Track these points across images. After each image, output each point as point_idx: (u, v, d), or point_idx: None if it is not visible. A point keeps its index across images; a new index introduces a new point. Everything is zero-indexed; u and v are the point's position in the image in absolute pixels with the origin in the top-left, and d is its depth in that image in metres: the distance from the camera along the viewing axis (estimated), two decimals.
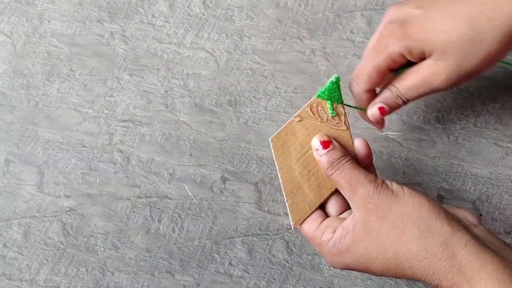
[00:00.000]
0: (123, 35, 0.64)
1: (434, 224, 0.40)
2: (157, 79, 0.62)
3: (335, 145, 0.44)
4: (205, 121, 0.61)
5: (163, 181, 0.59)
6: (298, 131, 0.45)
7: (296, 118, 0.45)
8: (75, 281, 0.57)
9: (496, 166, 0.59)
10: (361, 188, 0.42)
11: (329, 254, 0.43)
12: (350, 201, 0.43)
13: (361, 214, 0.41)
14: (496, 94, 0.61)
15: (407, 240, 0.40)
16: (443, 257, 0.39)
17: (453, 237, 0.39)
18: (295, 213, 0.45)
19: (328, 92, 0.45)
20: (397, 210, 0.41)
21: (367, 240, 0.41)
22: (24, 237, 0.58)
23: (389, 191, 0.41)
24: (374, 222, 0.41)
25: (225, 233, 0.58)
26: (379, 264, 0.41)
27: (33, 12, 0.65)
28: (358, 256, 0.42)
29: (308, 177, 0.45)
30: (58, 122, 0.61)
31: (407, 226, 0.40)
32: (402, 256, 0.40)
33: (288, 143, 0.45)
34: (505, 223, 0.57)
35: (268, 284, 0.57)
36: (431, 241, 0.39)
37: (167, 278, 0.57)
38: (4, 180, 0.60)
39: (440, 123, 0.60)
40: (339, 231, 0.43)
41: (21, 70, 0.63)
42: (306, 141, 0.45)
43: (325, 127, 0.45)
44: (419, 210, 0.40)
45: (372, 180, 0.42)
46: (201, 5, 0.65)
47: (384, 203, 0.41)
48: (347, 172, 0.42)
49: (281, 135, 0.45)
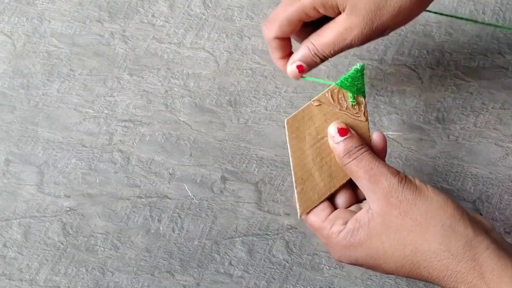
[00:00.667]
0: (123, 35, 0.64)
1: (458, 225, 0.38)
2: (157, 79, 0.62)
3: (352, 134, 0.42)
4: (205, 121, 0.61)
5: (163, 181, 0.59)
6: (315, 116, 0.43)
7: (315, 102, 0.43)
8: (75, 281, 0.57)
9: (496, 166, 0.59)
10: (384, 180, 0.40)
11: (338, 246, 0.41)
12: (368, 192, 0.41)
13: (381, 208, 0.40)
14: (496, 94, 0.61)
15: (429, 238, 0.38)
16: (464, 258, 0.38)
17: (476, 240, 0.38)
18: (303, 201, 0.43)
19: (351, 80, 0.43)
20: (421, 207, 0.39)
21: (385, 235, 0.39)
22: (24, 237, 0.58)
23: (413, 186, 0.40)
24: (395, 217, 0.39)
25: (225, 233, 0.58)
26: (394, 262, 0.40)
27: (33, 12, 0.65)
28: (371, 251, 0.40)
29: (320, 165, 0.43)
30: (58, 122, 0.61)
31: (431, 224, 0.38)
32: (422, 254, 0.39)
33: (304, 127, 0.43)
34: (505, 223, 0.57)
35: (268, 284, 0.57)
36: (454, 241, 0.38)
37: (167, 278, 0.57)
38: (4, 180, 0.60)
39: (440, 123, 0.60)
40: (351, 222, 0.41)
41: (21, 70, 0.63)
42: (323, 127, 0.43)
43: (344, 115, 0.43)
44: (444, 209, 0.39)
45: (395, 173, 0.40)
46: (201, 5, 0.65)
47: (408, 197, 0.39)
48: (367, 162, 0.41)
49: (298, 117, 0.43)
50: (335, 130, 0.42)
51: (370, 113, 0.44)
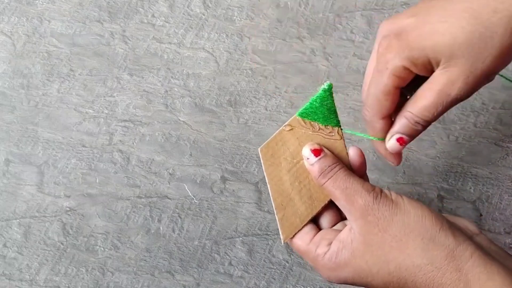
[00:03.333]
0: (123, 35, 0.64)
1: (438, 236, 0.38)
2: (157, 79, 0.63)
3: (326, 153, 0.42)
4: (205, 121, 0.61)
5: (163, 181, 0.59)
6: (288, 141, 0.43)
7: (286, 127, 0.43)
8: (75, 281, 0.57)
9: (496, 166, 0.59)
10: (359, 198, 0.39)
11: (325, 268, 0.41)
12: (347, 212, 0.40)
13: (361, 227, 0.39)
14: (496, 94, 0.61)
15: (411, 253, 0.38)
16: (448, 270, 0.37)
17: (458, 249, 0.37)
18: (286, 227, 0.43)
19: (320, 100, 0.42)
20: (399, 222, 0.38)
21: (368, 254, 0.39)
22: (24, 237, 0.58)
23: (389, 201, 0.39)
24: (375, 234, 0.39)
25: (225, 233, 0.58)
26: (381, 279, 0.39)
27: (33, 12, 0.65)
28: (358, 270, 0.40)
29: (299, 188, 0.43)
30: (58, 122, 0.61)
31: (410, 238, 0.38)
32: (405, 270, 0.38)
33: (278, 153, 0.43)
34: (505, 223, 0.57)
35: (268, 284, 0.57)
36: (436, 253, 0.37)
37: (167, 278, 0.57)
38: (4, 180, 0.60)
39: (440, 123, 0.60)
40: (335, 244, 0.41)
41: (21, 70, 0.63)
42: (297, 151, 0.43)
43: (318, 137, 0.43)
44: (422, 221, 0.38)
45: (369, 189, 0.40)
46: (201, 5, 0.65)
47: (385, 214, 0.39)
48: (342, 181, 0.40)
49: (271, 144, 0.43)
50: (308, 152, 0.42)
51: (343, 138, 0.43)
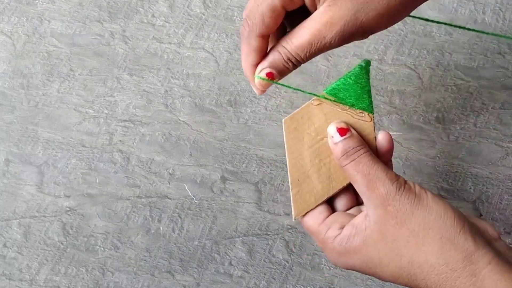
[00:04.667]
0: (123, 35, 0.64)
1: (457, 237, 0.36)
2: (157, 79, 0.62)
3: (352, 133, 0.40)
4: (205, 121, 0.61)
5: (163, 181, 0.59)
6: (315, 116, 0.41)
7: (314, 101, 0.41)
8: (75, 281, 0.57)
9: (496, 166, 0.59)
10: (381, 186, 0.37)
11: (333, 252, 0.40)
12: (366, 199, 0.39)
13: (378, 215, 0.38)
14: (496, 94, 0.61)
15: (427, 250, 0.37)
16: (463, 273, 0.36)
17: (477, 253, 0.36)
18: (299, 203, 0.41)
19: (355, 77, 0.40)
20: (419, 217, 0.37)
21: (381, 245, 0.38)
22: (24, 237, 0.58)
23: (412, 193, 0.38)
24: (392, 226, 0.37)
25: (225, 233, 0.58)
26: (390, 271, 0.38)
27: (33, 12, 0.65)
28: (367, 259, 0.38)
29: (319, 166, 0.41)
30: (58, 122, 0.61)
31: (429, 235, 0.37)
32: (418, 267, 0.37)
33: (303, 127, 0.41)
34: (505, 223, 0.57)
35: (268, 284, 0.57)
36: (453, 254, 0.36)
37: (167, 278, 0.57)
38: (4, 180, 0.60)
39: (440, 123, 0.60)
40: (347, 228, 0.39)
41: (21, 70, 0.63)
42: (323, 128, 0.41)
43: (346, 115, 0.41)
44: (443, 220, 0.37)
45: (393, 178, 0.38)
46: (201, 5, 0.65)
47: (406, 207, 0.37)
48: (365, 166, 0.38)
49: (296, 117, 0.41)
50: (334, 130, 0.40)
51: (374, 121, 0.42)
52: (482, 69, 0.62)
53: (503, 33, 0.63)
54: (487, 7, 0.64)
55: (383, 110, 0.60)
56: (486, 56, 0.62)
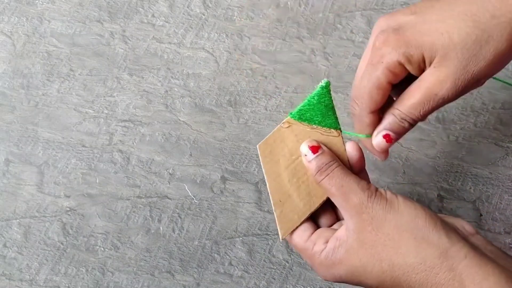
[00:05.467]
0: (123, 35, 0.64)
1: (431, 235, 0.38)
2: (157, 79, 0.63)
3: (324, 150, 0.42)
4: (205, 121, 0.61)
5: (163, 181, 0.59)
6: (287, 138, 0.43)
7: (284, 124, 0.43)
8: (75, 281, 0.57)
9: (496, 166, 0.59)
10: (353, 196, 0.39)
11: (321, 266, 0.41)
12: (342, 210, 0.41)
13: (355, 224, 0.39)
14: (496, 94, 0.61)
15: (403, 252, 0.38)
16: (442, 269, 0.37)
17: (452, 249, 0.37)
18: (284, 223, 0.43)
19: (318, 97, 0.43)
20: (392, 221, 0.39)
21: (361, 252, 0.39)
22: (24, 237, 0.58)
23: (383, 200, 0.39)
24: (369, 232, 0.39)
25: (225, 233, 0.58)
26: (375, 277, 0.39)
27: (33, 12, 0.65)
28: (352, 268, 0.40)
29: (297, 185, 0.43)
30: (58, 122, 0.61)
31: (403, 237, 0.38)
32: (399, 269, 0.38)
33: (277, 150, 0.43)
34: (505, 223, 0.57)
35: (268, 284, 0.57)
36: (428, 253, 0.37)
37: (167, 278, 0.57)
38: (4, 180, 0.60)
39: (440, 123, 0.60)
40: (331, 241, 0.41)
41: (21, 70, 0.63)
42: (295, 148, 0.43)
43: (316, 133, 0.43)
44: (415, 221, 0.38)
45: (365, 188, 0.40)
46: (201, 5, 0.65)
47: (378, 213, 0.39)
48: (338, 179, 0.40)
49: (269, 141, 0.43)
50: (306, 149, 0.42)
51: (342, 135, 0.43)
52: None
53: None
54: None
55: None
56: None
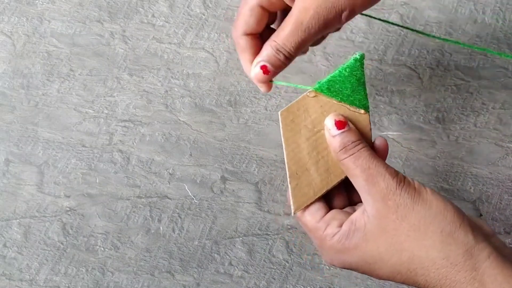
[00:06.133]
0: (123, 35, 0.64)
1: (458, 231, 0.36)
2: (157, 79, 0.62)
3: (351, 127, 0.40)
4: (205, 121, 0.61)
5: (163, 181, 0.59)
6: (311, 108, 0.40)
7: (310, 93, 0.41)
8: (75, 281, 0.57)
9: (496, 166, 0.59)
10: (381, 181, 0.37)
11: (331, 250, 0.39)
12: (364, 193, 0.38)
13: (378, 210, 0.37)
14: (496, 94, 0.61)
15: (427, 244, 0.37)
16: (464, 267, 0.36)
17: (477, 247, 0.36)
18: (298, 197, 0.41)
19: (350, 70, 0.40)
20: (420, 211, 0.37)
21: (381, 240, 0.37)
22: (24, 237, 0.58)
23: (412, 188, 0.38)
24: (392, 221, 0.37)
25: (225, 233, 0.58)
26: (390, 267, 0.38)
27: (33, 12, 0.65)
28: (367, 255, 0.38)
29: (317, 159, 0.41)
30: (58, 122, 0.61)
31: (429, 229, 0.37)
32: (419, 261, 0.37)
33: (299, 120, 0.40)
34: (505, 223, 0.57)
35: (268, 284, 0.57)
36: (453, 249, 0.36)
37: (167, 278, 0.57)
38: (4, 180, 0.60)
39: (440, 123, 0.60)
40: (347, 224, 0.39)
41: (21, 70, 0.63)
42: (319, 120, 0.40)
43: (342, 107, 0.41)
44: (444, 214, 0.37)
45: (393, 174, 0.38)
46: (201, 5, 0.65)
47: (406, 201, 0.37)
48: (365, 160, 0.38)
49: (292, 109, 0.40)
50: (332, 123, 0.40)
51: (370, 113, 0.42)
52: (482, 69, 0.62)
53: (503, 33, 0.63)
54: (487, 7, 0.64)
55: (383, 110, 0.60)
56: (486, 56, 0.62)
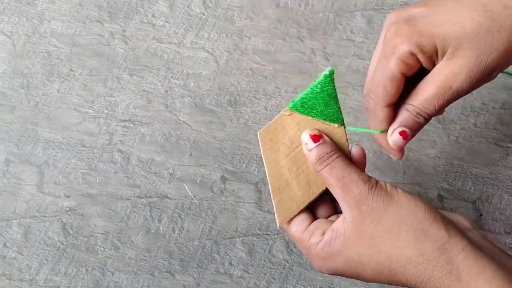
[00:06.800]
0: (123, 35, 0.64)
1: (430, 228, 0.38)
2: (157, 79, 0.63)
3: (325, 140, 0.42)
4: (205, 121, 0.61)
5: (163, 181, 0.59)
6: (288, 126, 0.43)
7: (286, 112, 0.43)
8: (75, 281, 0.57)
9: (496, 166, 0.59)
10: (354, 188, 0.39)
11: (317, 257, 0.41)
12: (341, 201, 0.40)
13: (354, 216, 0.39)
14: (496, 94, 0.61)
15: (402, 244, 0.38)
16: (439, 262, 0.37)
17: (450, 242, 0.37)
18: (282, 211, 0.43)
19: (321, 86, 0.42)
20: (392, 213, 0.39)
21: (359, 244, 0.39)
22: (24, 237, 0.58)
23: (384, 192, 0.39)
24: (368, 225, 0.39)
25: (225, 233, 0.58)
26: (371, 269, 0.39)
27: (33, 12, 0.65)
28: (349, 260, 0.40)
29: (297, 174, 0.43)
30: (58, 122, 0.61)
31: (402, 229, 0.38)
32: (396, 261, 0.38)
33: (277, 138, 0.43)
34: (505, 223, 0.57)
35: (268, 284, 0.57)
36: (427, 245, 0.37)
37: (167, 278, 0.57)
38: (4, 180, 0.60)
39: (440, 123, 0.60)
40: (328, 233, 0.41)
41: (21, 70, 0.63)
42: (296, 136, 0.43)
43: (317, 122, 0.43)
44: (415, 213, 0.38)
45: (366, 179, 0.40)
46: (201, 5, 0.65)
47: (378, 205, 0.39)
48: (339, 170, 0.40)
49: (270, 128, 0.43)
50: (307, 137, 0.42)
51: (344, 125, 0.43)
52: None
53: None
54: None
55: None
56: None
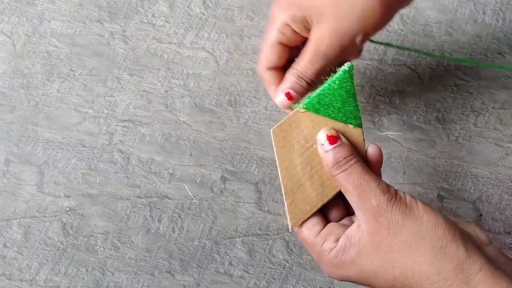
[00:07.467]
0: (123, 35, 0.64)
1: (449, 246, 0.37)
2: (157, 79, 0.62)
3: (343, 142, 0.40)
4: (205, 121, 0.61)
5: (163, 181, 0.59)
6: (302, 123, 0.40)
7: (301, 109, 0.41)
8: (75, 281, 0.57)
9: (496, 166, 0.59)
10: (372, 198, 0.38)
11: (329, 264, 0.40)
12: (357, 209, 0.39)
13: (370, 227, 0.38)
14: (496, 94, 0.61)
15: (419, 260, 0.37)
16: (456, 282, 0.36)
17: (468, 261, 0.36)
18: (294, 213, 0.41)
19: (339, 82, 0.40)
20: (411, 227, 0.37)
21: (374, 256, 0.38)
22: (24, 237, 0.58)
23: (403, 204, 0.38)
24: (384, 237, 0.38)
25: (225, 233, 0.58)
26: (384, 282, 0.38)
27: (33, 12, 0.65)
28: (362, 270, 0.39)
29: (311, 174, 0.41)
30: (58, 122, 0.61)
31: (421, 246, 0.37)
32: (412, 277, 0.37)
33: (291, 136, 0.40)
34: (505, 223, 0.57)
35: (268, 284, 0.57)
36: (445, 264, 0.37)
37: (167, 278, 0.57)
38: (4, 180, 0.60)
39: (440, 123, 0.60)
40: (342, 240, 0.40)
41: (21, 70, 0.63)
42: (311, 135, 0.40)
43: (334, 121, 0.41)
44: (435, 229, 0.37)
45: (384, 189, 0.38)
46: (201, 5, 0.65)
47: (397, 218, 0.38)
48: (356, 177, 0.39)
49: (284, 126, 0.41)
50: (324, 138, 0.40)
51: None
52: (482, 69, 0.62)
53: (503, 33, 0.63)
54: (487, 7, 0.64)
55: (383, 110, 0.60)
56: (486, 56, 0.62)
